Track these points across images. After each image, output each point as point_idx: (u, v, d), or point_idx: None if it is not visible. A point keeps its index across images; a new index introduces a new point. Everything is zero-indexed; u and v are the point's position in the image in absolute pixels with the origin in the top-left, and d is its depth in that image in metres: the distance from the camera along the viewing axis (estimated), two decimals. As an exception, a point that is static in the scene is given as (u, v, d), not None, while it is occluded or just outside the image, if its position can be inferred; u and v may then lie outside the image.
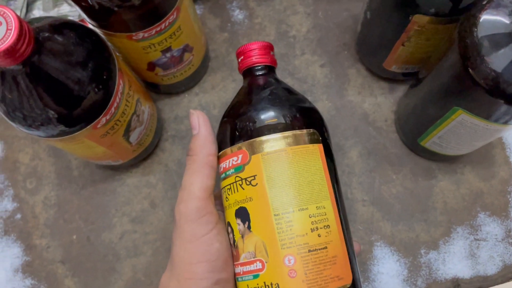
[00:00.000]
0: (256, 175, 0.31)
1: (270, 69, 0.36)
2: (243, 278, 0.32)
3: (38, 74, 0.30)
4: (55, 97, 0.32)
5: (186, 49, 0.43)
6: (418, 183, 0.47)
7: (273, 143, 0.32)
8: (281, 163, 0.31)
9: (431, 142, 0.42)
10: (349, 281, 0.30)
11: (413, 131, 0.44)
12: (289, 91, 0.35)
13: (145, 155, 0.48)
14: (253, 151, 0.32)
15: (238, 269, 0.32)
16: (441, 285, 0.44)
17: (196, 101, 0.51)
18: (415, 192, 0.47)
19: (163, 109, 0.51)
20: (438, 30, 0.37)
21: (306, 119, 0.33)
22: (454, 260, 0.45)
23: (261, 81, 0.35)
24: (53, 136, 0.34)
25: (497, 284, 0.45)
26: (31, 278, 0.47)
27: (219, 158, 0.34)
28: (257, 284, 0.31)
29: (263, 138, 0.32)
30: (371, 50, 0.46)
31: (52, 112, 0.32)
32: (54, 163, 0.50)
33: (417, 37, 0.38)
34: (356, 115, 0.49)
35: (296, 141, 0.32)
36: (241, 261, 0.32)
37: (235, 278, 0.33)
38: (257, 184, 0.31)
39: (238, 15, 0.53)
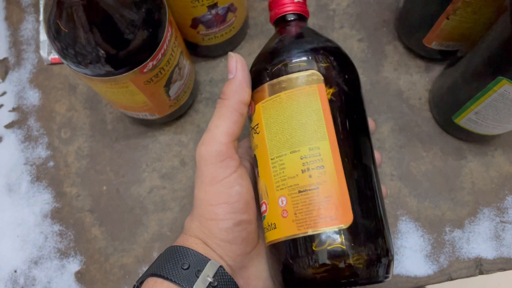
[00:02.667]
0: (258, 124, 0.33)
1: (299, 18, 0.37)
2: (262, 220, 0.34)
3: (95, 8, 0.31)
4: (107, 34, 0.33)
5: (231, 8, 0.43)
6: (447, 162, 0.47)
7: (270, 90, 0.33)
8: (275, 109, 0.32)
9: (466, 118, 0.42)
10: (346, 222, 0.29)
11: (448, 108, 0.44)
12: (307, 35, 0.36)
13: (179, 114, 0.48)
14: (255, 100, 0.34)
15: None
16: (464, 264, 0.45)
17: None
18: (443, 171, 0.47)
19: (199, 71, 0.51)
20: (486, 2, 0.37)
21: (310, 60, 0.33)
22: (478, 240, 0.45)
23: (291, 29, 0.36)
24: (100, 75, 0.35)
25: (520, 267, 0.45)
26: (59, 224, 0.48)
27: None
28: (266, 224, 0.33)
29: (263, 86, 0.33)
30: (412, 25, 0.46)
31: (103, 51, 0.33)
32: (89, 115, 0.51)
33: (464, 9, 0.38)
34: (390, 92, 0.50)
35: (291, 85, 0.32)
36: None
37: (257, 220, 0.34)
38: (259, 132, 0.33)
39: (279, -15, 0.54)
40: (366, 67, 0.50)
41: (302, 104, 0.32)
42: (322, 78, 0.32)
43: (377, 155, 0.36)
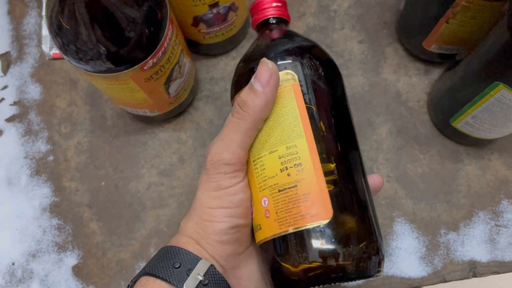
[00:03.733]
0: None
1: (279, 22, 0.37)
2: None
3: (97, 5, 0.31)
4: (109, 31, 0.33)
5: (232, 7, 0.43)
6: (444, 165, 0.48)
7: None
8: None
9: (463, 122, 0.42)
10: (325, 218, 0.29)
11: (446, 111, 0.44)
12: (285, 37, 0.36)
13: (179, 111, 0.49)
14: None
15: None
16: (458, 266, 0.45)
17: (233, 65, 0.52)
18: (440, 174, 0.47)
19: (199, 69, 0.52)
20: (485, 7, 0.37)
21: (285, 61, 0.33)
22: (473, 243, 0.45)
23: (270, 33, 0.37)
24: (100, 72, 0.35)
25: (514, 270, 0.45)
26: (58, 219, 0.48)
27: None
28: (254, 225, 0.33)
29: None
30: (412, 27, 0.47)
31: (104, 47, 0.34)
32: (89, 111, 0.51)
33: (463, 14, 0.39)
34: (389, 93, 0.50)
35: None
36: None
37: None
38: None
39: (281, -15, 0.54)
40: (365, 68, 0.51)
41: (279, 104, 0.32)
42: (297, 76, 0.32)
43: (378, 178, 0.36)
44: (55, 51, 0.52)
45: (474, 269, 0.45)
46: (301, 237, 0.29)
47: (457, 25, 0.41)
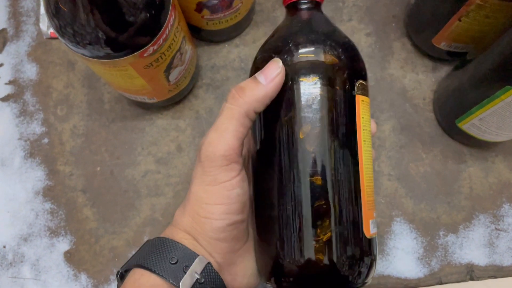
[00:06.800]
0: None
1: (316, 4, 0.34)
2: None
3: (97, -12, 0.30)
4: (108, 15, 0.31)
5: (238, -6, 0.42)
6: (447, 165, 0.47)
7: None
8: None
9: (470, 124, 0.41)
10: None
11: (452, 111, 0.43)
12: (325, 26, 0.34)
13: (178, 98, 0.47)
14: None
15: None
16: (455, 269, 0.44)
17: (236, 53, 0.50)
18: (442, 174, 0.46)
19: (201, 56, 0.50)
20: (500, 7, 0.36)
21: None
22: (471, 246, 0.45)
23: (304, 15, 0.34)
24: (98, 57, 0.34)
25: (511, 276, 0.44)
26: (51, 203, 0.47)
27: None
28: None
29: None
30: (422, 23, 0.45)
31: (102, 32, 0.32)
32: (87, 93, 0.50)
33: (477, 12, 0.37)
34: (395, 89, 0.49)
35: None
36: None
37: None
38: None
39: (289, -28, 0.52)
40: (372, 63, 0.49)
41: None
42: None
43: (372, 124, 0.35)
44: (53, 30, 0.50)
45: (471, 273, 0.44)
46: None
47: (469, 24, 0.39)
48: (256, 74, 0.30)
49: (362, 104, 0.31)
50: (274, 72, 0.30)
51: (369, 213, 0.31)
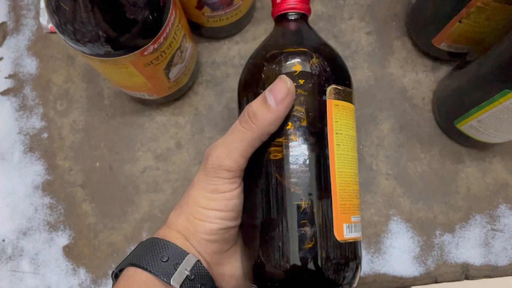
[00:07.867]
0: None
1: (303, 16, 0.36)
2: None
3: (98, -13, 0.30)
4: (109, 14, 0.31)
5: (239, -8, 0.42)
6: (444, 165, 0.47)
7: None
8: None
9: (468, 125, 0.41)
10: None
11: (451, 112, 0.43)
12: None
13: (178, 95, 0.48)
14: None
15: None
16: (451, 268, 0.45)
17: (236, 50, 0.50)
18: (440, 174, 0.47)
19: (201, 52, 0.50)
20: (501, 10, 0.36)
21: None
22: (467, 245, 0.45)
23: (293, 26, 0.35)
24: (98, 55, 0.34)
25: (506, 276, 0.45)
26: (50, 198, 0.47)
27: None
28: None
29: None
30: (423, 23, 0.45)
31: (103, 30, 0.32)
32: (86, 88, 0.50)
33: (478, 14, 0.37)
34: (394, 89, 0.49)
35: None
36: None
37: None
38: None
39: (290, -31, 0.52)
40: (372, 61, 0.49)
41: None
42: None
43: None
44: (53, 24, 0.50)
45: (466, 272, 0.45)
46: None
47: (470, 25, 0.39)
48: (266, 94, 0.31)
49: (335, 108, 0.32)
50: (283, 93, 0.30)
51: (342, 217, 0.31)
